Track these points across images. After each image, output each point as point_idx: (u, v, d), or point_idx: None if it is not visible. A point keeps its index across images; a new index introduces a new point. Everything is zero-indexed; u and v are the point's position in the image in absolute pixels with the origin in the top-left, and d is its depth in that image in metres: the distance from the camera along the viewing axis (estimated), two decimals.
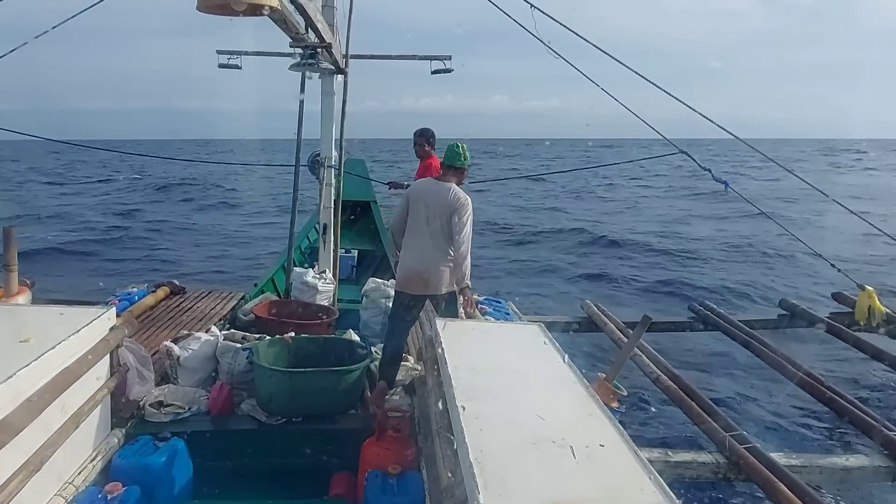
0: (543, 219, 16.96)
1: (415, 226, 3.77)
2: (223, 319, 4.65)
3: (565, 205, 20.32)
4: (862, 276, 6.44)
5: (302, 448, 3.00)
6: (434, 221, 3.73)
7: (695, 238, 13.90)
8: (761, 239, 12.69)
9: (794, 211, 15.29)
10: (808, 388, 4.43)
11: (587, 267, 11.21)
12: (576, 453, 1.79)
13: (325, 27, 4.18)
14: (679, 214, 17.74)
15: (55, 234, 13.39)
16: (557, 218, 17.21)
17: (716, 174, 5.62)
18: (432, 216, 3.73)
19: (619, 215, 17.83)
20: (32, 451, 2.06)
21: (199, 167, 31.96)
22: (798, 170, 5.64)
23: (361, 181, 7.81)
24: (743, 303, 8.76)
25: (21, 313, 2.83)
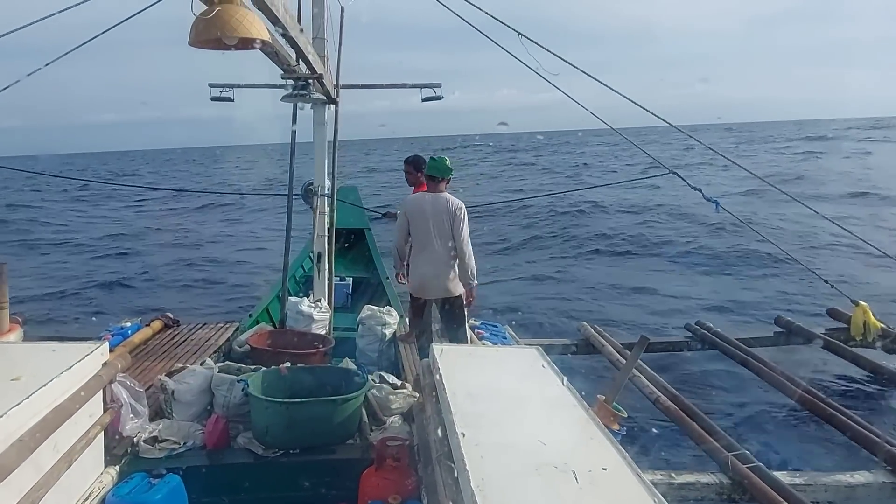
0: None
1: (421, 238, 4.10)
2: (218, 351, 4.61)
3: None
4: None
5: (300, 480, 2.94)
6: (438, 230, 4.08)
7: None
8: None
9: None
10: (809, 405, 4.42)
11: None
12: (578, 478, 1.77)
13: (316, 58, 4.24)
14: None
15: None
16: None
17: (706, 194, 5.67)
18: (436, 226, 4.08)
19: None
20: (24, 493, 2.01)
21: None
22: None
23: (355, 209, 7.84)
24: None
25: (12, 351, 2.80)
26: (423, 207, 4.11)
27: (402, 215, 4.15)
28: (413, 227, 4.12)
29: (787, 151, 34.20)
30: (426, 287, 4.16)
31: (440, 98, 5.99)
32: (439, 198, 4.14)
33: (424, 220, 4.10)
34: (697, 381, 6.43)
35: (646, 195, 18.66)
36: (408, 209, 4.13)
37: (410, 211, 4.12)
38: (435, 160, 4.29)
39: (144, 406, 3.10)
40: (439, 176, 4.22)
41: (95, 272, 12.59)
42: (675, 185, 5.99)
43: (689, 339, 6.29)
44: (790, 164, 26.86)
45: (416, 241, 4.14)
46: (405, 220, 4.12)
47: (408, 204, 4.17)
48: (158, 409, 3.34)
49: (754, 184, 14.78)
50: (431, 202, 4.13)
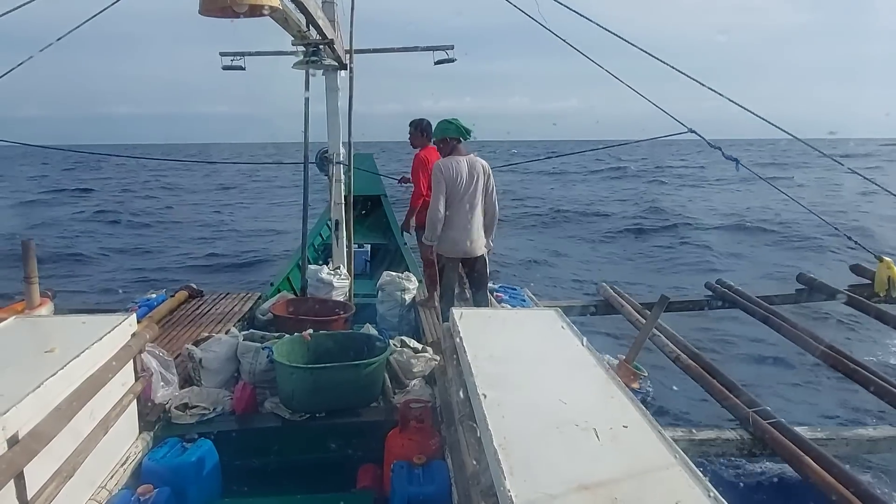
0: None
1: (456, 201, 4.19)
2: (242, 320, 4.70)
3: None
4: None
5: (327, 443, 3.03)
6: (473, 193, 4.20)
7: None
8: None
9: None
10: (831, 360, 4.39)
11: None
12: (599, 435, 1.79)
13: (327, 23, 4.18)
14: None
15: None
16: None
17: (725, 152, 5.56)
18: (473, 189, 4.20)
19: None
20: (64, 459, 2.10)
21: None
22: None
23: (371, 176, 7.82)
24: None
25: (44, 324, 2.88)
26: (461, 171, 4.17)
27: (440, 182, 4.16)
28: (451, 190, 4.16)
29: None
30: (464, 249, 4.26)
31: (453, 60, 5.89)
32: (473, 160, 4.24)
33: (462, 183, 4.17)
34: (718, 339, 6.43)
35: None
36: (446, 174, 4.16)
37: (449, 176, 4.15)
38: (454, 123, 4.26)
39: (174, 374, 3.19)
40: (459, 137, 4.26)
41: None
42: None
43: (709, 297, 6.24)
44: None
45: (454, 203, 4.19)
46: (444, 185, 4.15)
47: (446, 169, 4.18)
48: (187, 376, 3.44)
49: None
50: (467, 165, 4.20)
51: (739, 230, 13.94)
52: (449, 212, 4.22)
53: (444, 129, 4.31)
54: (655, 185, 24.69)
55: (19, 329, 2.64)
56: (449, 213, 4.22)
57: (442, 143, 4.35)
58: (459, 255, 4.32)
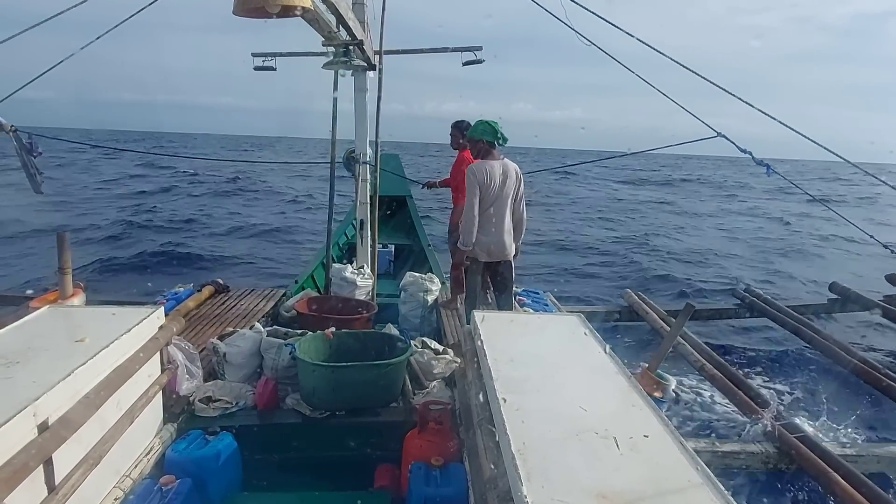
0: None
1: (494, 204, 4.24)
2: (266, 316, 4.76)
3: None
4: None
5: (346, 441, 3.05)
6: (505, 197, 4.25)
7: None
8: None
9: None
10: (864, 375, 4.27)
11: None
12: (619, 444, 1.77)
13: (357, 24, 4.21)
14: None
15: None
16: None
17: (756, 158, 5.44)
18: (505, 193, 4.24)
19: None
20: (91, 446, 2.16)
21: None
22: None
23: (396, 177, 7.86)
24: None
25: (76, 314, 2.95)
26: (493, 175, 4.19)
27: (474, 186, 4.17)
28: (484, 194, 4.18)
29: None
30: (493, 252, 4.30)
31: (481, 62, 5.88)
32: (507, 164, 4.27)
33: (496, 187, 4.20)
34: (745, 350, 6.30)
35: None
36: (480, 178, 4.17)
37: (483, 180, 4.17)
38: (491, 126, 4.26)
39: (199, 367, 3.25)
40: (494, 140, 4.27)
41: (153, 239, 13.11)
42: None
43: (736, 306, 6.13)
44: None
45: (486, 207, 4.22)
46: (478, 189, 4.17)
47: (480, 172, 4.18)
48: (211, 370, 3.49)
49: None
50: (501, 169, 4.23)
51: None
52: (485, 214, 4.21)
53: (482, 130, 4.28)
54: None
55: (52, 318, 2.72)
56: (485, 216, 4.21)
57: (477, 143, 4.33)
58: (484, 258, 4.33)
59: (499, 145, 4.28)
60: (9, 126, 4.25)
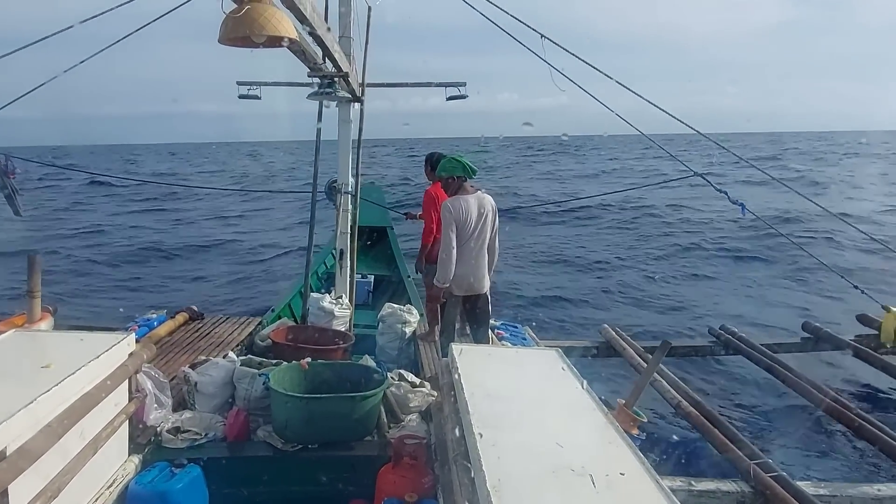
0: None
1: (468, 238, 4.25)
2: (240, 345, 4.68)
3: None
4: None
5: (318, 475, 2.97)
6: (481, 231, 4.27)
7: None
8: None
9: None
10: (836, 414, 4.31)
11: None
12: (596, 482, 1.76)
13: (342, 57, 4.27)
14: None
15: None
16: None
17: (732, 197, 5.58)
18: (481, 227, 4.26)
19: None
20: (50, 478, 2.07)
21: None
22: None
23: (377, 207, 7.88)
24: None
25: (42, 339, 2.87)
26: (469, 210, 4.22)
27: (450, 222, 4.18)
28: (461, 230, 4.20)
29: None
30: (469, 285, 4.31)
31: (465, 97, 5.98)
32: (481, 198, 4.31)
33: (472, 222, 4.22)
34: (720, 387, 6.33)
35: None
36: (455, 214, 4.18)
37: (459, 215, 4.19)
38: (460, 162, 4.28)
39: (168, 396, 3.16)
40: (468, 176, 4.32)
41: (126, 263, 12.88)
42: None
43: (712, 343, 6.18)
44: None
45: (462, 241, 4.23)
46: (455, 225, 4.18)
47: (455, 208, 4.19)
48: (181, 399, 3.40)
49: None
50: (476, 203, 4.26)
51: None
52: (461, 249, 4.23)
53: (451, 167, 4.30)
54: None
55: (17, 343, 2.64)
56: (461, 251, 4.23)
57: (448, 180, 4.34)
58: (464, 291, 4.33)
59: (469, 178, 4.29)
60: None
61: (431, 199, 5.09)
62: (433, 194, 5.10)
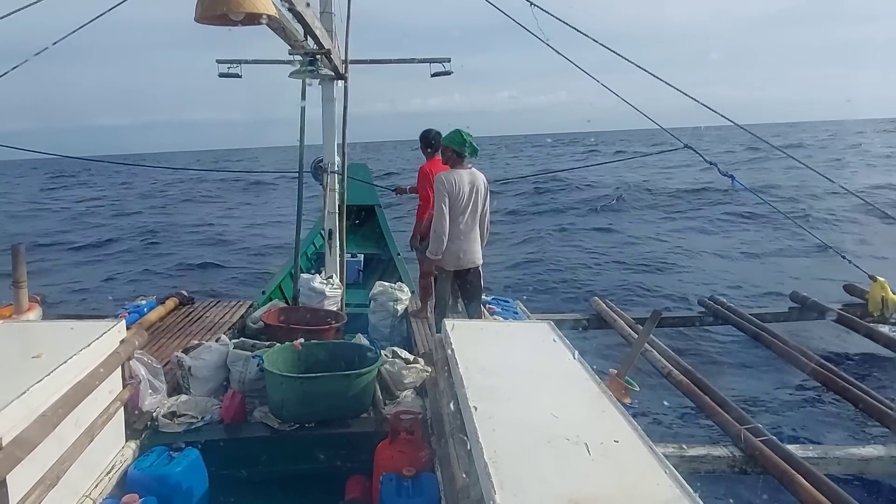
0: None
1: (461, 213, 4.28)
2: (233, 328, 4.67)
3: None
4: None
5: (316, 453, 3.00)
6: (473, 206, 4.30)
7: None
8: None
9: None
10: (821, 378, 4.40)
11: None
12: (590, 450, 1.78)
13: (324, 33, 4.19)
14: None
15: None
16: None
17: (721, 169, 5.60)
18: (473, 201, 4.29)
19: None
20: (48, 467, 2.07)
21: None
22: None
23: (365, 186, 7.83)
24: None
25: (32, 329, 2.85)
26: (461, 184, 4.25)
27: (442, 194, 4.21)
28: (453, 203, 4.24)
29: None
30: (461, 260, 4.33)
31: (449, 73, 5.92)
32: (474, 174, 4.33)
33: (464, 195, 4.25)
34: (710, 356, 6.43)
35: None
36: (449, 187, 4.21)
37: (452, 188, 4.22)
38: (461, 137, 4.30)
39: (162, 382, 3.16)
40: (462, 152, 4.33)
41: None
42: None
43: (701, 313, 6.27)
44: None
45: (454, 216, 4.26)
46: (447, 198, 4.21)
47: (448, 181, 4.22)
48: (176, 384, 3.41)
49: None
50: (470, 179, 4.29)
51: None
52: (453, 223, 4.26)
53: (450, 139, 4.33)
54: None
55: (6, 334, 2.61)
56: (453, 225, 4.26)
57: (446, 150, 4.38)
58: (455, 266, 4.35)
59: (468, 156, 4.31)
60: None
61: (426, 175, 5.07)
62: (427, 170, 5.09)
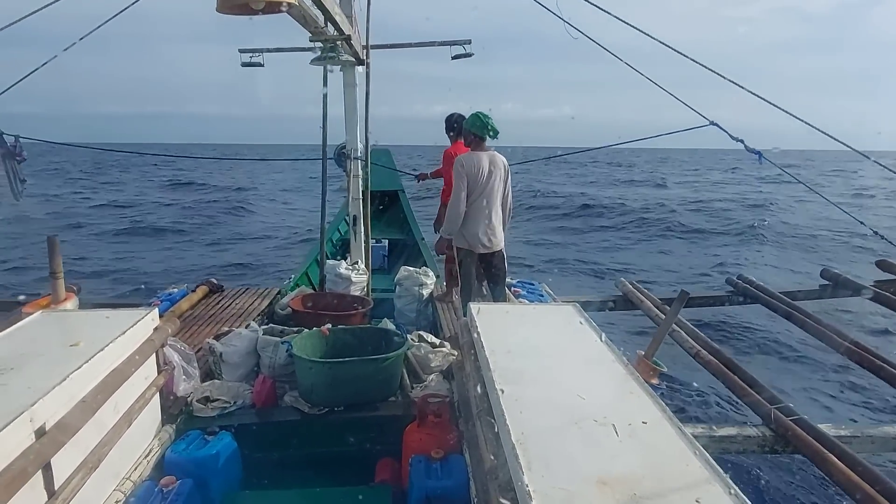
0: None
1: (481, 195, 4.27)
2: (261, 315, 4.75)
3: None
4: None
5: (345, 436, 3.05)
6: (494, 188, 4.29)
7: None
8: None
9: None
10: (856, 357, 4.30)
11: None
12: (618, 431, 1.78)
13: (344, 19, 4.19)
14: None
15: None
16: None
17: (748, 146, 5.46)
18: (494, 184, 4.28)
19: None
20: (89, 450, 2.14)
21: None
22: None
23: (388, 171, 7.84)
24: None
25: (69, 318, 2.93)
26: (481, 165, 4.24)
27: (461, 176, 4.23)
28: (472, 185, 4.24)
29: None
30: (483, 243, 4.32)
31: (470, 55, 5.86)
32: (494, 156, 4.32)
33: (483, 177, 4.24)
34: (739, 335, 6.35)
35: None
36: (468, 169, 4.23)
37: (471, 170, 4.23)
38: (482, 120, 4.30)
39: (195, 368, 3.24)
40: (482, 135, 4.33)
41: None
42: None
43: (730, 293, 6.15)
44: None
45: (474, 198, 4.26)
46: (465, 180, 4.22)
47: (468, 164, 4.24)
48: (208, 370, 3.49)
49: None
50: (488, 161, 4.28)
51: None
52: (469, 207, 4.26)
53: (471, 123, 4.36)
54: None
55: (45, 323, 2.70)
56: (469, 209, 4.26)
57: (468, 135, 4.40)
58: (478, 249, 4.36)
59: (490, 138, 4.32)
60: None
61: (450, 158, 5.08)
62: (451, 153, 5.10)
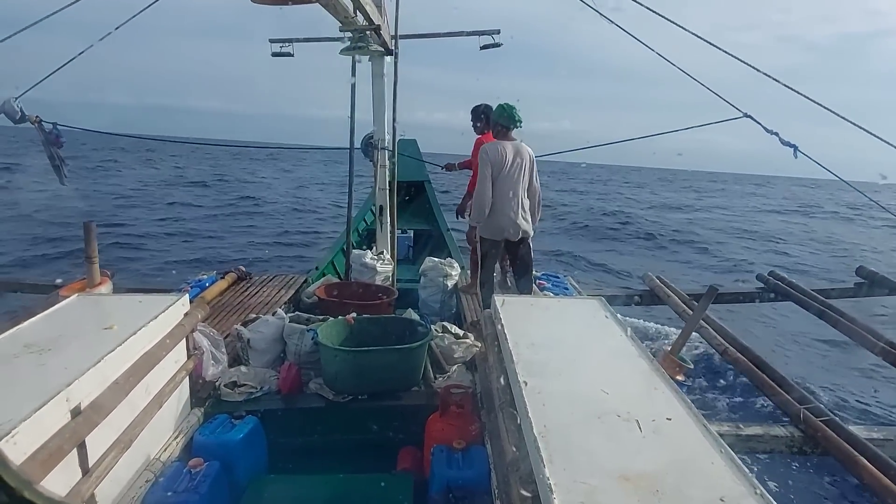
0: None
1: (506, 184, 4.30)
2: (288, 303, 4.81)
3: None
4: None
5: (368, 424, 3.08)
6: (520, 177, 4.31)
7: None
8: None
9: None
10: (891, 358, 4.19)
11: None
12: (642, 427, 1.77)
13: (374, 9, 4.20)
14: None
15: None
16: None
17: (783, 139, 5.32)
18: (519, 172, 4.30)
19: None
20: (122, 430, 2.21)
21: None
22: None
23: (414, 162, 7.85)
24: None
25: (104, 302, 3.01)
26: (505, 154, 4.27)
27: (486, 165, 4.26)
28: (497, 174, 4.27)
29: None
30: (508, 232, 4.34)
31: (499, 45, 5.82)
32: (519, 146, 4.34)
33: (507, 164, 4.26)
34: (769, 333, 6.23)
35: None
36: (492, 158, 4.26)
37: (495, 159, 4.26)
38: (508, 111, 4.35)
39: (223, 353, 3.30)
40: (508, 125, 4.36)
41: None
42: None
43: (760, 289, 6.04)
44: None
45: (499, 187, 4.28)
46: (490, 168, 4.25)
47: (492, 153, 4.27)
48: (236, 356, 3.55)
49: None
50: (513, 150, 4.30)
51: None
52: (494, 195, 4.27)
53: (498, 114, 4.42)
54: None
55: (81, 306, 2.77)
56: (494, 197, 4.27)
57: (495, 125, 4.46)
58: (503, 237, 4.36)
59: (514, 127, 4.34)
60: (34, 117, 4.32)
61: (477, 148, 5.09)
62: (482, 143, 5.10)
